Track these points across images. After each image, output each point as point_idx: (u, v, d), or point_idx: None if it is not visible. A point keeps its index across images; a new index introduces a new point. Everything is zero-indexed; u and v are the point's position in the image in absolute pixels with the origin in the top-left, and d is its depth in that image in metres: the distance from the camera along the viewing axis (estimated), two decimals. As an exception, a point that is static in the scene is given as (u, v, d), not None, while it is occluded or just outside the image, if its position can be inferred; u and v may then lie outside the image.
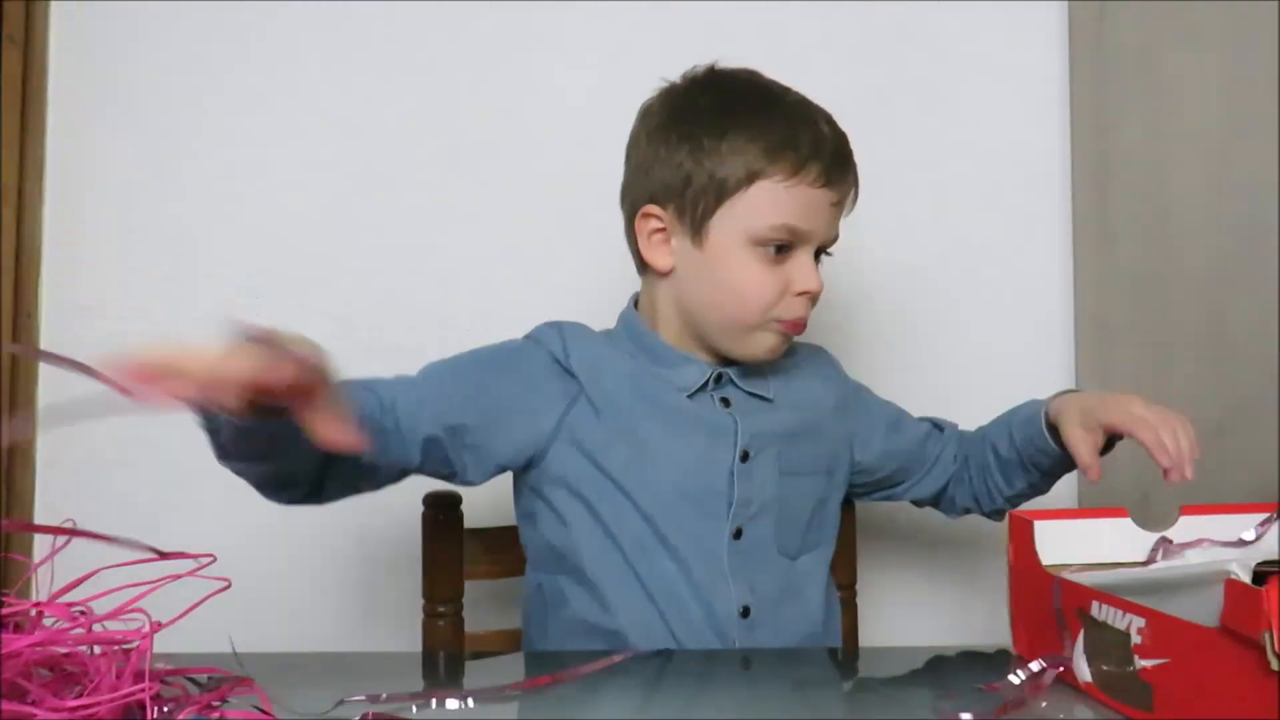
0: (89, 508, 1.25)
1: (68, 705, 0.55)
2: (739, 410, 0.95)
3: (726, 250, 0.91)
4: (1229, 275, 1.28)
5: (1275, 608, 0.52)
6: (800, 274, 0.91)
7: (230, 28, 1.29)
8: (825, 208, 0.92)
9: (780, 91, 0.95)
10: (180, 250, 1.29)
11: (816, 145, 0.91)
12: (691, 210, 0.92)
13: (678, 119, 0.94)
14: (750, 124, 0.91)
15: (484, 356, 0.95)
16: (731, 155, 0.90)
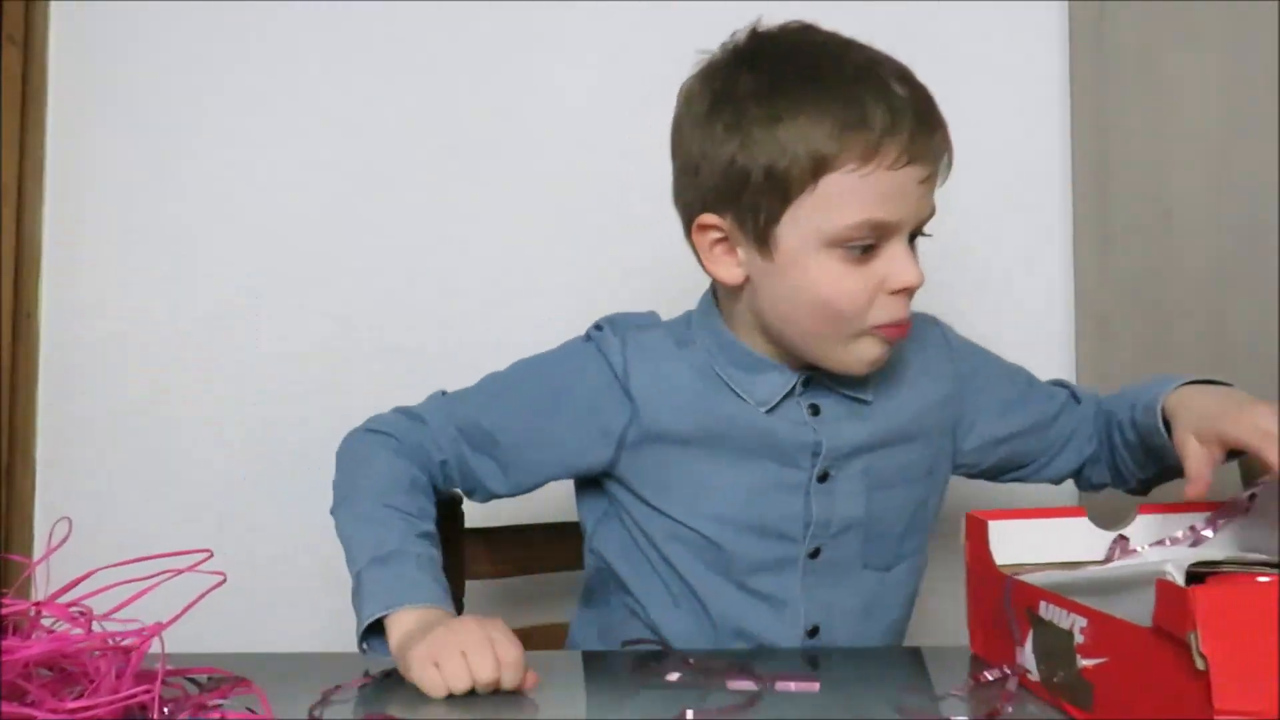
0: (89, 508, 1.25)
1: (68, 706, 0.55)
2: (828, 419, 0.84)
3: (801, 257, 0.77)
4: (1229, 275, 1.28)
5: (1201, 609, 0.52)
6: (895, 268, 0.77)
7: (230, 28, 1.29)
8: (913, 188, 0.77)
9: (838, 51, 0.79)
10: (180, 250, 1.29)
11: (892, 116, 0.75)
12: (753, 216, 0.78)
13: (720, 105, 0.79)
14: (806, 102, 0.75)
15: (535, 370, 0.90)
16: (789, 144, 0.75)
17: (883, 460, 0.86)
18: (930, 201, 0.80)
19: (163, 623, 0.60)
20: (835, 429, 0.85)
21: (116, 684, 0.58)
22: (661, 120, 1.31)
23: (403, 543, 0.81)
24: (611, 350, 0.86)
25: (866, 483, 0.85)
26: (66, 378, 1.28)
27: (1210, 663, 0.52)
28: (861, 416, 0.86)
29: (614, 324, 0.89)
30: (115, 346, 1.28)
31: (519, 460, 0.88)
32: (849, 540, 0.86)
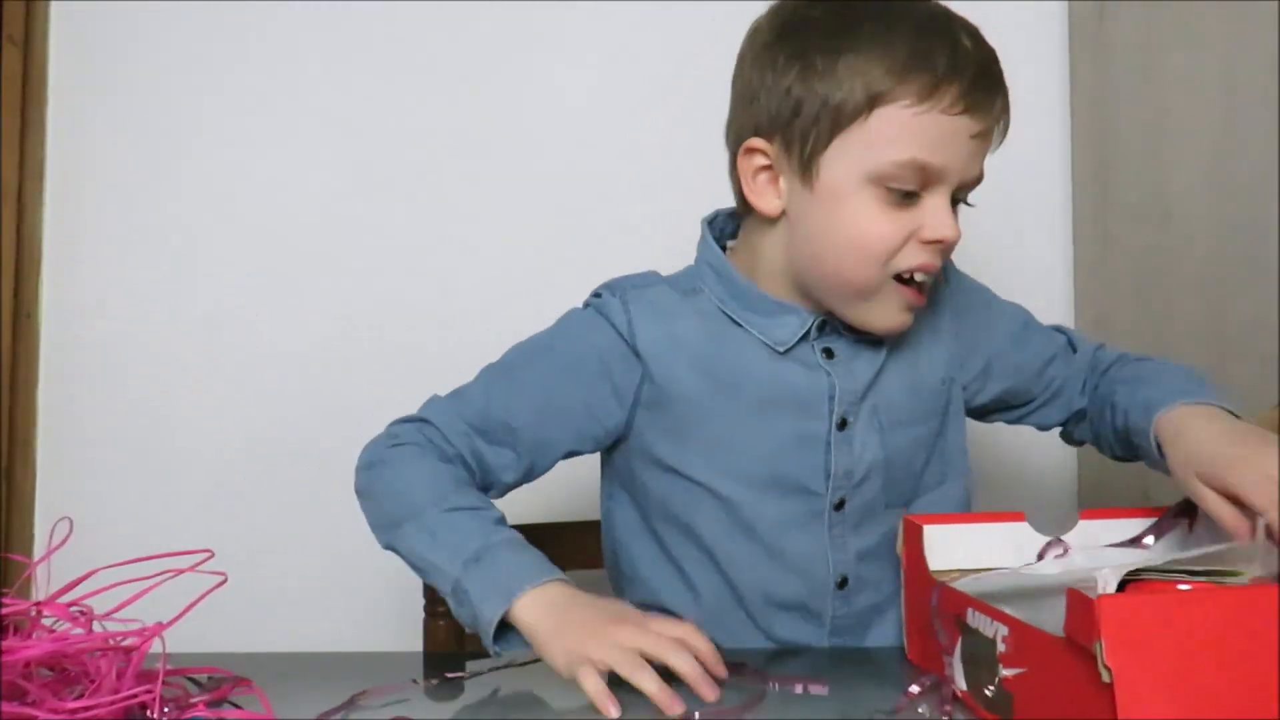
0: (89, 508, 1.25)
1: (68, 706, 0.55)
2: (842, 362, 0.84)
3: (841, 190, 0.77)
4: (1228, 274, 1.28)
5: (1106, 619, 0.50)
6: (932, 219, 0.76)
7: (230, 28, 1.29)
8: (964, 140, 0.76)
9: (910, 1, 0.79)
10: (180, 250, 1.29)
11: (955, 62, 0.75)
12: (801, 143, 0.78)
13: (786, 35, 0.79)
14: (872, 37, 0.75)
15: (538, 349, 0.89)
16: (849, 76, 0.75)
17: (890, 398, 0.85)
18: (980, 164, 0.79)
19: (163, 623, 0.60)
20: (847, 368, 0.84)
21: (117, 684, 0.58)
22: (661, 121, 1.32)
23: (485, 536, 0.77)
24: (614, 312, 0.85)
25: (878, 423, 0.85)
26: (66, 378, 1.28)
27: (1115, 674, 0.50)
28: (873, 355, 0.85)
29: (612, 288, 0.89)
30: (115, 346, 1.28)
31: (535, 441, 0.86)
32: (870, 486, 0.85)
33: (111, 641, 0.60)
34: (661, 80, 1.32)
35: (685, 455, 0.85)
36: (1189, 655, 0.51)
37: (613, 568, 0.95)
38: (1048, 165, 1.34)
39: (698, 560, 0.87)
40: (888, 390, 0.85)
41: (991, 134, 0.79)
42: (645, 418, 0.85)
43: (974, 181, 0.80)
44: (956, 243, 0.79)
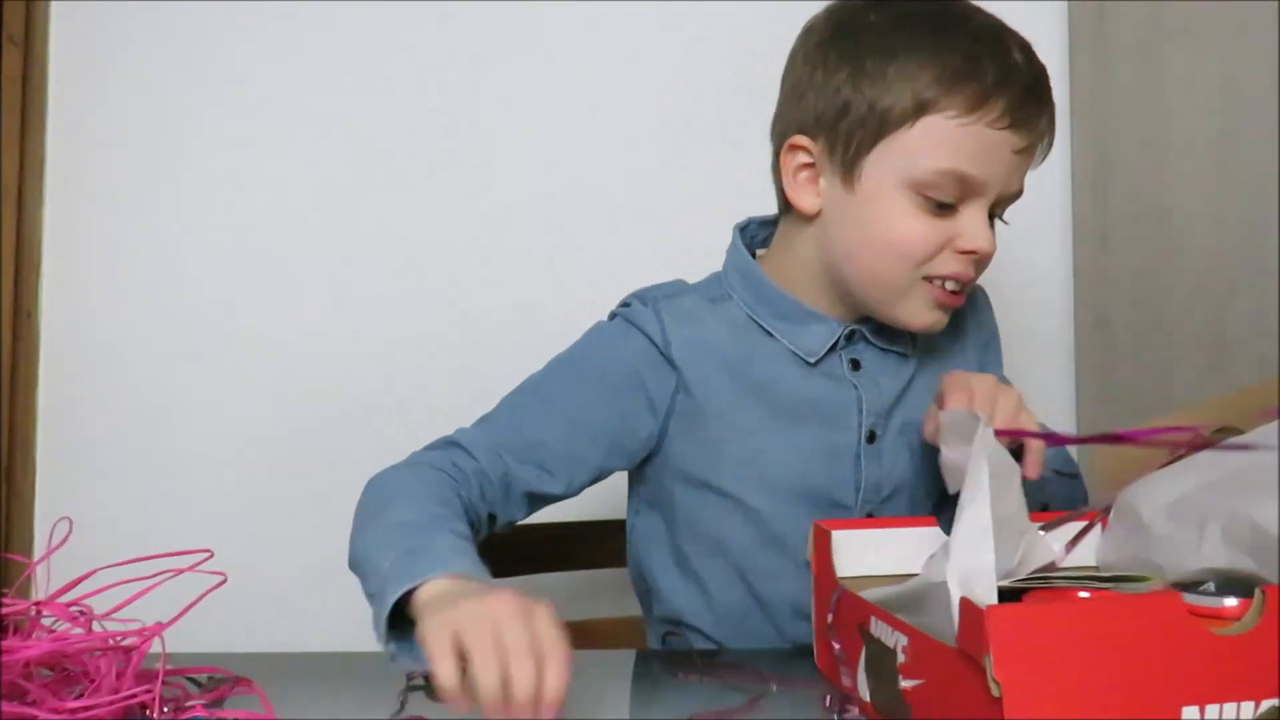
0: (89, 508, 1.25)
1: (68, 706, 0.55)
2: (869, 374, 0.85)
3: (880, 194, 0.78)
4: (1229, 275, 1.28)
5: (994, 631, 0.49)
6: (969, 228, 0.77)
7: (230, 28, 1.29)
8: (1006, 154, 0.77)
9: (967, 10, 0.80)
10: (180, 250, 1.29)
11: (1004, 76, 0.75)
12: (845, 145, 0.78)
13: (840, 36, 0.80)
14: (925, 45, 0.76)
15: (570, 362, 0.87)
16: (898, 81, 0.76)
17: (920, 415, 0.84)
18: (1021, 179, 0.79)
19: (163, 623, 0.60)
20: (873, 381, 0.85)
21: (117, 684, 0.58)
22: (661, 121, 1.32)
23: (432, 532, 0.70)
24: (646, 320, 0.85)
25: (908, 440, 0.85)
26: (66, 378, 1.28)
27: (1004, 687, 0.49)
28: (901, 369, 0.86)
29: (641, 297, 0.88)
30: (115, 346, 1.28)
31: (568, 456, 0.83)
32: (898, 501, 0.85)
33: (111, 641, 0.60)
34: (662, 81, 1.32)
35: (716, 467, 0.84)
36: (1082, 667, 0.50)
37: (637, 580, 0.95)
38: (1047, 165, 1.33)
39: (724, 574, 0.86)
40: (919, 407, 0.85)
41: (1035, 150, 0.79)
42: (677, 428, 0.85)
43: (1013, 196, 0.80)
44: (991, 256, 0.80)
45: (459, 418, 1.28)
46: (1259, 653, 0.51)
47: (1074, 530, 0.75)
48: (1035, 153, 0.79)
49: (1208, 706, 0.50)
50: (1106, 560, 0.75)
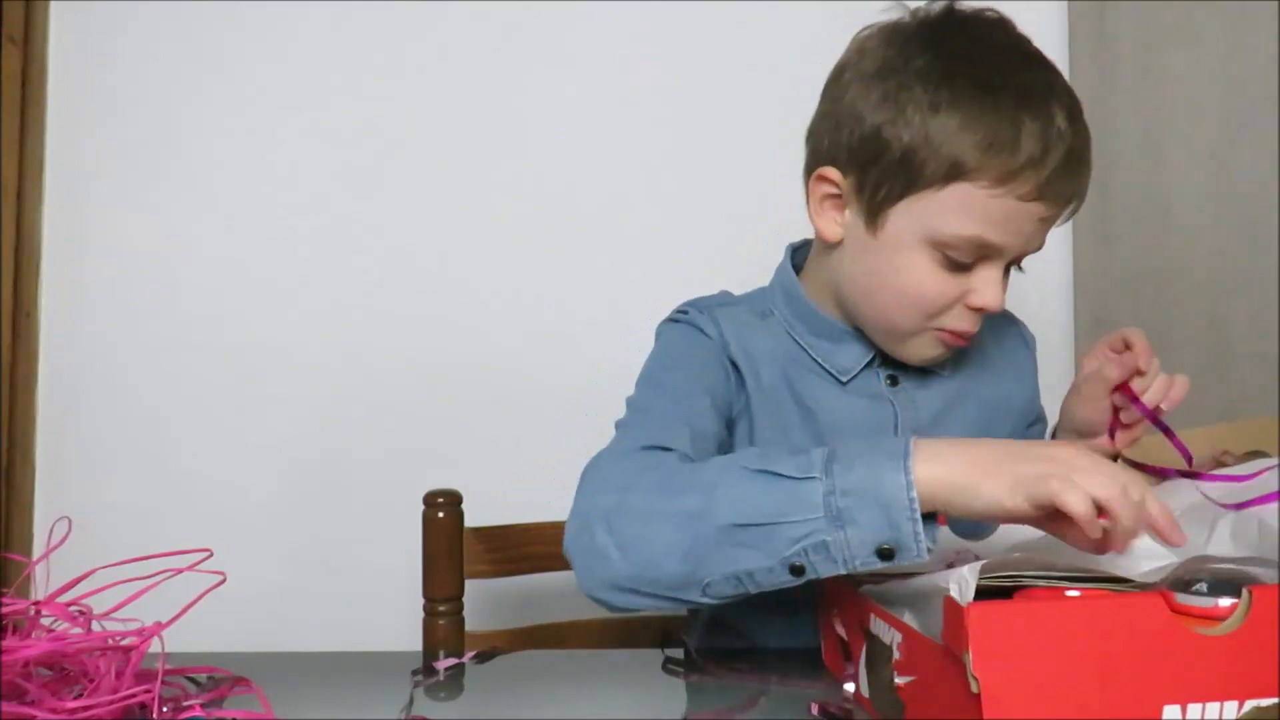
0: (89, 508, 1.25)
1: (68, 706, 0.55)
2: (905, 391, 0.86)
3: (901, 245, 0.78)
4: (1229, 275, 1.28)
5: (974, 628, 0.49)
6: (982, 287, 0.78)
7: (230, 28, 1.29)
8: (1031, 223, 0.76)
9: (1019, 62, 0.77)
10: (180, 250, 1.29)
11: (1043, 150, 0.74)
12: (873, 189, 0.78)
13: (888, 73, 0.77)
14: (969, 104, 0.74)
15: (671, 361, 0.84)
16: (937, 139, 0.74)
17: (962, 432, 0.86)
18: (1042, 238, 0.79)
19: (163, 622, 0.60)
20: (910, 398, 0.86)
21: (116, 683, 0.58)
22: (659, 122, 1.32)
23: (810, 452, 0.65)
24: (705, 324, 0.85)
25: None
26: (66, 377, 1.28)
27: (982, 684, 0.49)
28: (934, 386, 0.87)
29: (696, 305, 0.88)
30: (115, 346, 1.28)
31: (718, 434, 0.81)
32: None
33: (110, 641, 0.60)
34: (661, 82, 1.32)
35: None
36: (1062, 664, 0.50)
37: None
38: (1048, 165, 1.33)
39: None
40: (961, 431, 0.86)
41: (1060, 217, 0.78)
42: (738, 427, 0.85)
43: (1033, 252, 0.80)
44: (999, 311, 0.80)
45: (459, 418, 1.29)
46: (1244, 653, 0.51)
47: None
48: (1062, 216, 0.79)
49: (1190, 706, 0.50)
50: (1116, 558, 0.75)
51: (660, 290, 1.29)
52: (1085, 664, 0.50)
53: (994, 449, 0.62)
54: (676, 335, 0.87)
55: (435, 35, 1.31)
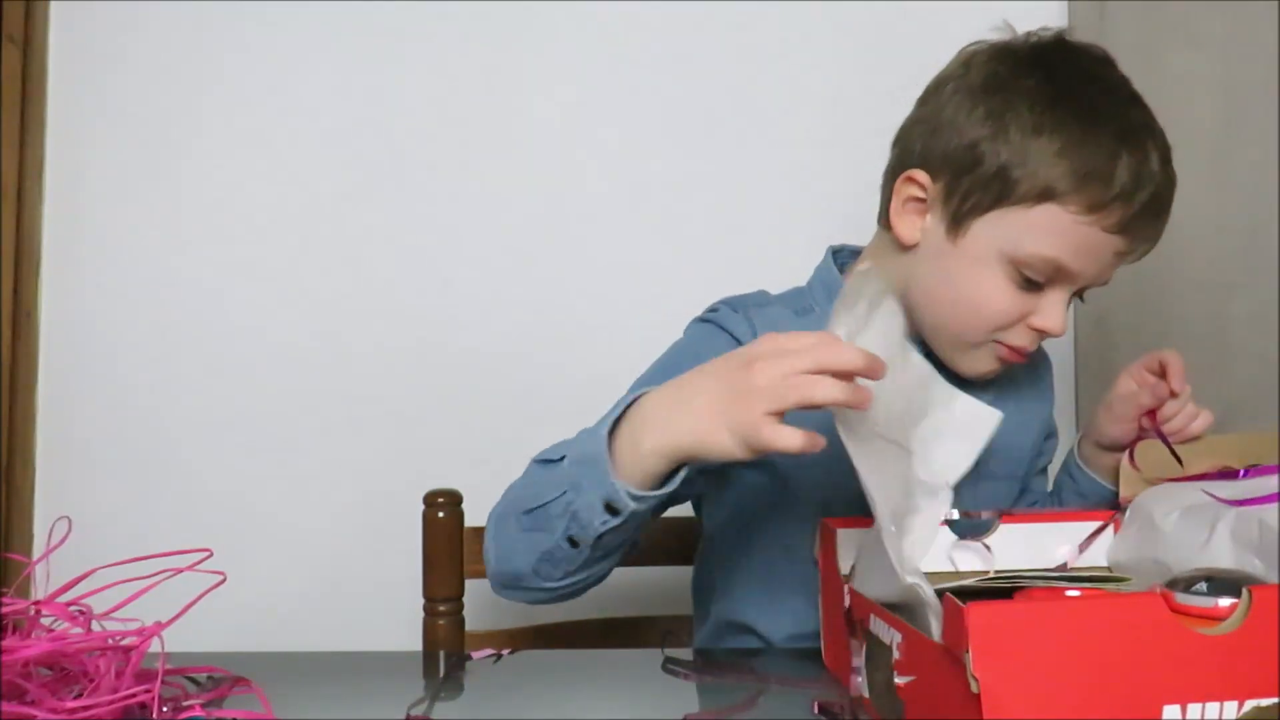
0: (89, 507, 1.25)
1: (68, 706, 0.55)
2: None
3: (979, 257, 0.80)
4: (1229, 275, 1.28)
5: (973, 628, 0.49)
6: (1048, 309, 0.81)
7: (230, 28, 1.29)
8: (1108, 254, 0.80)
9: (1124, 100, 0.80)
10: (180, 250, 1.29)
11: (1135, 185, 0.77)
12: (962, 198, 0.80)
13: (995, 89, 0.80)
14: (1070, 132, 0.77)
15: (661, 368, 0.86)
16: (1035, 161, 0.77)
17: (988, 451, 0.85)
18: (1112, 273, 0.82)
19: (162, 622, 0.60)
20: None
21: (116, 683, 0.58)
22: (657, 123, 1.32)
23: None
24: (735, 324, 0.86)
25: (975, 470, 0.84)
26: (66, 378, 1.28)
27: (981, 684, 0.49)
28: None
29: (731, 303, 0.89)
30: (115, 346, 1.28)
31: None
32: None
33: (110, 641, 0.60)
34: (659, 82, 1.32)
35: (796, 473, 0.84)
36: (1061, 664, 0.50)
37: (701, 577, 0.95)
38: (1048, 165, 1.33)
39: (792, 580, 0.85)
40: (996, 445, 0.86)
41: (1134, 254, 0.81)
42: None
43: (1101, 284, 0.83)
44: (1060, 336, 0.83)
45: (459, 418, 1.29)
46: (1244, 653, 0.51)
47: (1088, 530, 0.76)
48: (1136, 254, 0.81)
49: (1190, 706, 0.50)
50: (1117, 560, 0.75)
51: (661, 291, 1.29)
52: (1085, 664, 0.50)
53: (709, 395, 0.64)
54: (696, 337, 0.88)
55: (435, 36, 1.31)
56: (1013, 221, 0.78)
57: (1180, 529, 0.70)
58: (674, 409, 0.66)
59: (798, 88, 1.32)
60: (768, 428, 0.62)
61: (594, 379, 1.22)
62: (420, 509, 1.02)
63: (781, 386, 0.61)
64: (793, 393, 0.61)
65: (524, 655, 0.85)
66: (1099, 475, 0.91)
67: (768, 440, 0.62)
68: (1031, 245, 0.78)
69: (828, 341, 0.62)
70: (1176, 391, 0.83)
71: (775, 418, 0.62)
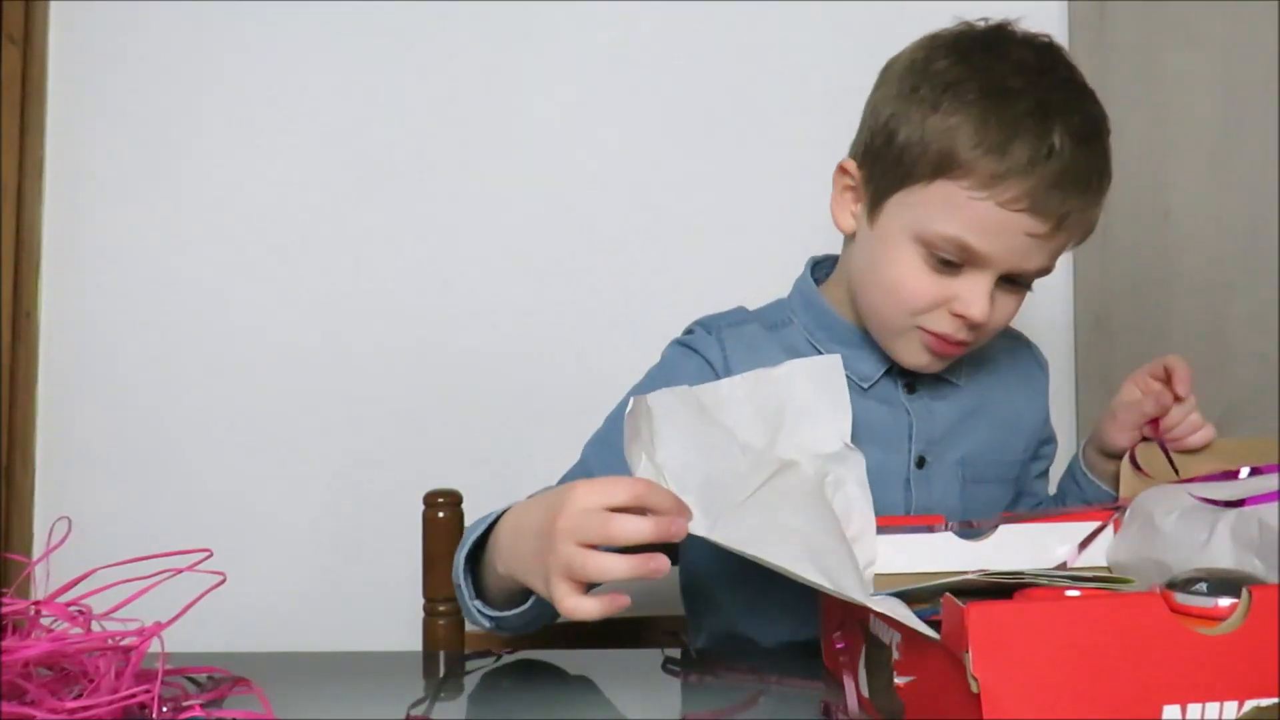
0: (89, 507, 1.25)
1: (67, 706, 0.55)
2: (922, 400, 0.87)
3: (891, 238, 0.80)
4: (1229, 275, 1.28)
5: (973, 627, 0.49)
6: (967, 295, 0.78)
7: (230, 28, 1.29)
8: (1018, 236, 0.75)
9: (1040, 81, 0.77)
10: (180, 250, 1.29)
11: (1031, 160, 0.73)
12: (876, 182, 0.81)
13: (910, 72, 0.80)
14: (968, 109, 0.75)
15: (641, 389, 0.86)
16: (932, 136, 0.76)
17: (977, 453, 0.88)
18: (1039, 257, 0.78)
19: (162, 622, 0.60)
20: (927, 407, 0.87)
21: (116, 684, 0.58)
22: (655, 123, 1.32)
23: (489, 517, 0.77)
24: (707, 347, 0.87)
25: (962, 475, 0.87)
26: (66, 378, 1.28)
27: (981, 684, 0.49)
28: (951, 398, 0.89)
29: (704, 325, 0.90)
30: (115, 346, 1.28)
31: None
32: None
33: (110, 641, 0.60)
34: (659, 82, 1.32)
35: None
36: (1061, 664, 0.50)
37: (690, 590, 0.95)
38: (1048, 165, 1.33)
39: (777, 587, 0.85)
40: (975, 444, 0.88)
41: (1056, 236, 0.77)
42: None
43: (1034, 272, 0.80)
44: (987, 324, 0.80)
45: (459, 418, 1.29)
46: (1244, 653, 0.51)
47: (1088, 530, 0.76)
48: (1061, 238, 0.77)
49: (1190, 706, 0.50)
50: (1117, 560, 0.75)
51: (661, 291, 1.29)
52: (1085, 664, 0.50)
53: (532, 544, 0.65)
54: (670, 360, 0.89)
55: (436, 36, 1.31)
56: (916, 200, 0.78)
57: (1180, 529, 0.70)
58: (516, 539, 0.69)
59: (798, 88, 1.32)
60: (567, 601, 0.62)
61: (594, 379, 1.22)
62: (420, 509, 1.02)
63: (577, 559, 0.61)
64: (589, 565, 0.60)
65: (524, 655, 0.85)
66: (1103, 482, 0.90)
67: (568, 612, 0.62)
68: (933, 223, 0.77)
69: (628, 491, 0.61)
70: (1181, 397, 0.82)
71: (576, 587, 0.61)
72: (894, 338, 0.83)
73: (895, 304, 0.81)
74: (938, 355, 0.83)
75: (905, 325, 0.82)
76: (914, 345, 0.83)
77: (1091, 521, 0.78)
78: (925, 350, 0.83)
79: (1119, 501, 0.80)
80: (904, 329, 0.82)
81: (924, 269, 0.79)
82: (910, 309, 0.80)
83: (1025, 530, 0.78)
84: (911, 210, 0.78)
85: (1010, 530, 0.78)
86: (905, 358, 0.84)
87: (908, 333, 0.82)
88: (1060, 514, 0.79)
